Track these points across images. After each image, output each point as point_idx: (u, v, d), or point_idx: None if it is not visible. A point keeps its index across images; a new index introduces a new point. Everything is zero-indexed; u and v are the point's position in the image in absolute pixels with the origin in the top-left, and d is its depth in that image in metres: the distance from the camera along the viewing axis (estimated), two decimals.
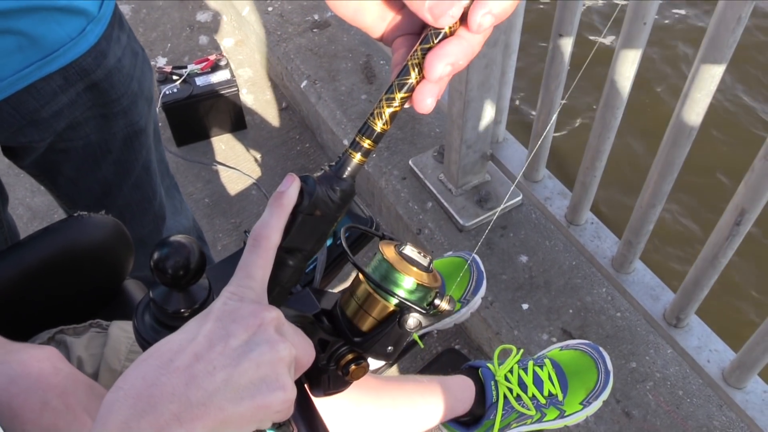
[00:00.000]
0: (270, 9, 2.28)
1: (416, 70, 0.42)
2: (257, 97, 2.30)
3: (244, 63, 2.40)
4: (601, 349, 1.11)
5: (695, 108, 1.05)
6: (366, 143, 0.46)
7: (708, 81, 1.01)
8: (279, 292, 0.49)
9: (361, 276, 0.54)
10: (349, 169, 0.47)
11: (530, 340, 1.47)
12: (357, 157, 0.47)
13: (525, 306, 1.52)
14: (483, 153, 1.61)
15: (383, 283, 0.52)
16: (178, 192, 1.32)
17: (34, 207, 2.00)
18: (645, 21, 1.07)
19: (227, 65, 2.09)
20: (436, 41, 0.41)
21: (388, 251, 0.53)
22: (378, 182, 1.80)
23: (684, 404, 1.36)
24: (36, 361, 0.61)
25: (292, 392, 0.43)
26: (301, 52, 2.13)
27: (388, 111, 0.44)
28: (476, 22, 0.38)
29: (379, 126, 0.45)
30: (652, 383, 1.39)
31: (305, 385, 0.56)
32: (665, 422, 1.34)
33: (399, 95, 0.43)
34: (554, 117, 1.41)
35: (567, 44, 1.25)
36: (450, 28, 0.40)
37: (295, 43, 2.16)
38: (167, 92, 2.00)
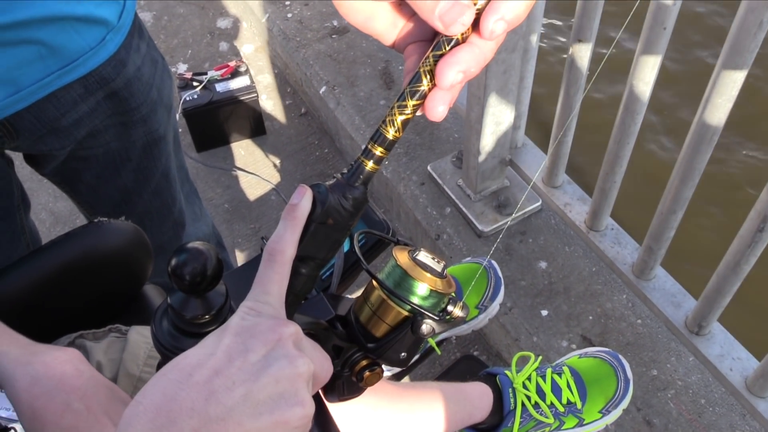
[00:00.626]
0: (289, 15, 2.30)
1: (428, 77, 0.42)
2: (276, 103, 2.32)
3: (263, 69, 2.42)
4: (620, 357, 1.10)
5: (716, 113, 1.04)
6: (378, 151, 0.46)
7: (729, 86, 1.00)
8: (292, 301, 0.49)
9: (374, 282, 0.54)
10: (361, 176, 0.47)
11: (549, 347, 1.46)
12: (369, 165, 0.46)
13: (544, 312, 1.51)
14: (502, 158, 1.60)
15: (397, 290, 0.52)
16: (198, 198, 1.33)
17: (57, 212, 2.02)
18: (665, 26, 1.06)
19: (247, 71, 2.11)
20: (447, 48, 0.40)
21: (402, 257, 0.53)
22: (396, 188, 1.80)
23: (706, 413, 1.34)
24: (59, 363, 0.62)
25: (310, 408, 0.43)
26: (320, 58, 2.14)
27: (400, 118, 0.44)
28: (488, 29, 0.37)
29: (391, 133, 0.45)
30: (674, 391, 1.37)
31: (319, 391, 0.56)
32: (687, 431, 1.32)
33: (411, 102, 0.43)
34: (573, 122, 1.40)
35: (586, 50, 1.24)
36: (462, 34, 0.40)
37: (314, 49, 2.17)
38: (187, 98, 2.02)
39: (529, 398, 1.02)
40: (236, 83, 2.07)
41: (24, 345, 0.64)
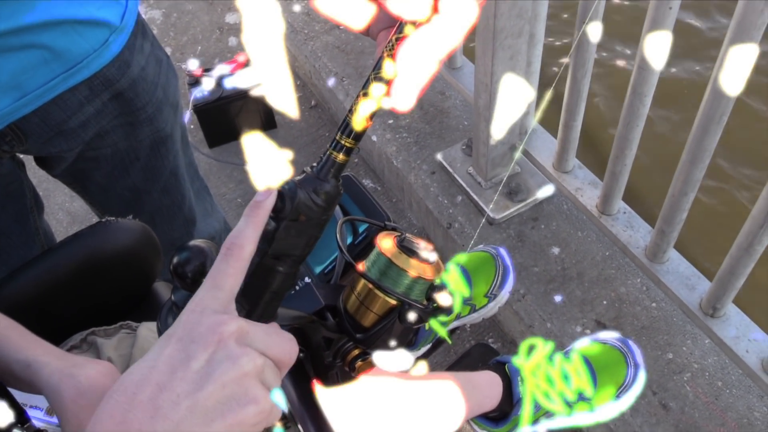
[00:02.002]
0: (297, 8, 2.30)
1: (392, 62, 0.40)
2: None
3: None
4: (630, 342, 1.09)
5: (725, 93, 1.02)
6: (347, 142, 0.45)
7: (737, 64, 0.98)
8: (271, 299, 0.49)
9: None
10: (332, 170, 0.46)
11: (564, 333, 1.45)
12: (339, 157, 0.45)
13: (558, 298, 1.51)
14: (511, 145, 1.59)
15: (382, 278, 0.51)
16: (209, 194, 1.34)
17: (73, 212, 2.05)
18: (670, 6, 1.05)
19: None
20: (410, 31, 0.39)
21: (386, 244, 0.53)
22: (407, 177, 1.80)
23: (723, 395, 1.33)
24: (101, 376, 0.63)
25: (265, 402, 0.42)
26: (328, 50, 2.13)
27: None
28: (446, 5, 0.36)
29: (358, 123, 0.44)
30: (690, 374, 1.36)
31: (312, 382, 0.56)
32: (704, 414, 1.31)
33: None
34: (582, 107, 1.39)
35: (593, 32, 1.23)
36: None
37: (322, 41, 2.17)
38: (198, 95, 2.03)
39: (538, 386, 1.01)
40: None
41: (60, 356, 0.65)
